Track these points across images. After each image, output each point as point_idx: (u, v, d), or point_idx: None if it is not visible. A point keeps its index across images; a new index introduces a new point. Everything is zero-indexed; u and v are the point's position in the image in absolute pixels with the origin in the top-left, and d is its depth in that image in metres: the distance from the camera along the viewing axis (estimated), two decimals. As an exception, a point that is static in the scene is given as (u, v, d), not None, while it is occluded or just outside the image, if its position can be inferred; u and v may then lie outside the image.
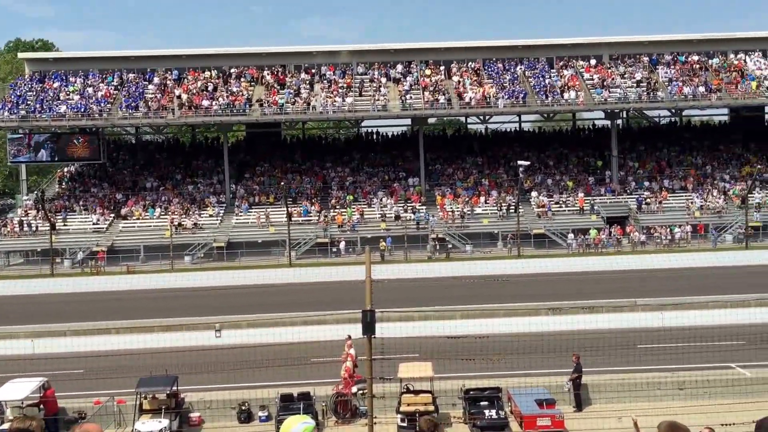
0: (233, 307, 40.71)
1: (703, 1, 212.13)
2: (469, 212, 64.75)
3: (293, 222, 61.37)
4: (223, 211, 66.29)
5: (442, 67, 71.29)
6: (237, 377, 26.44)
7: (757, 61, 71.36)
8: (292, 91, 68.13)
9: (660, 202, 65.81)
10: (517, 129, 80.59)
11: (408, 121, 75.12)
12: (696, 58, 71.60)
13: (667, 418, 7.39)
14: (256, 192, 68.42)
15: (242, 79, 70.01)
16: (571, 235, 61.41)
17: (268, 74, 70.36)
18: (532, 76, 69.72)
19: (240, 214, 65.83)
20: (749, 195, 63.58)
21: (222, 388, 25.21)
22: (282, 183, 67.31)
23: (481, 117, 74.65)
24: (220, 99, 66.81)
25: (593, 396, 24.24)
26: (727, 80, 68.58)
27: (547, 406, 21.99)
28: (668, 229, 61.78)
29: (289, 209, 61.06)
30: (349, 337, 25.58)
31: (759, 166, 69.26)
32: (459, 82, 69.06)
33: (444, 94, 67.26)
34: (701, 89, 67.30)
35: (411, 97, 67.22)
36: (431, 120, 75.25)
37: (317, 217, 64.52)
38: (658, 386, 24.14)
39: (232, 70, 70.88)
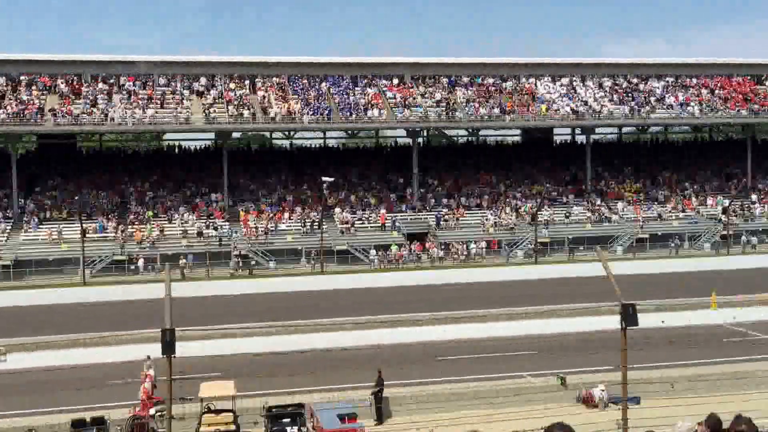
0: (21, 328, 38.41)
1: (500, 27, 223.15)
2: (272, 228, 64.47)
3: (88, 239, 58.84)
4: (10, 228, 62.39)
5: (246, 82, 70.72)
6: (24, 403, 24.97)
7: (547, 85, 75.73)
8: (88, 101, 65.33)
9: (457, 219, 68.27)
10: (322, 145, 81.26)
11: (212, 135, 73.96)
12: (491, 80, 75.05)
13: (467, 428, 7.57)
14: (47, 207, 64.89)
15: (33, 88, 66.38)
16: (373, 251, 62.51)
17: (62, 83, 67.14)
18: (337, 93, 70.57)
19: (29, 230, 62.18)
20: (538, 212, 67.27)
21: (7, 416, 23.70)
22: (76, 197, 64.28)
23: (286, 132, 74.70)
24: (9, 107, 63.06)
25: (394, 408, 24.66)
26: (519, 103, 72.32)
27: (348, 420, 22.11)
28: (464, 245, 64.17)
29: (84, 225, 58.52)
30: (148, 357, 24.78)
31: (547, 185, 73.48)
32: (264, 97, 68.79)
33: (248, 109, 66.74)
34: (496, 110, 70.66)
35: (215, 111, 66.22)
36: (235, 134, 74.42)
37: (114, 234, 62.11)
38: (456, 397, 24.90)
39: (23, 78, 67.04)
